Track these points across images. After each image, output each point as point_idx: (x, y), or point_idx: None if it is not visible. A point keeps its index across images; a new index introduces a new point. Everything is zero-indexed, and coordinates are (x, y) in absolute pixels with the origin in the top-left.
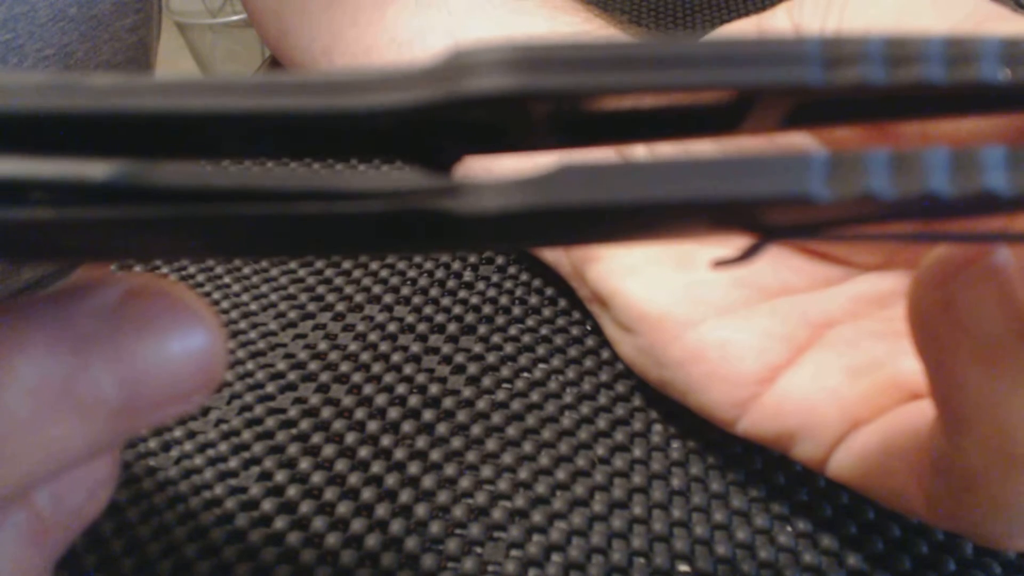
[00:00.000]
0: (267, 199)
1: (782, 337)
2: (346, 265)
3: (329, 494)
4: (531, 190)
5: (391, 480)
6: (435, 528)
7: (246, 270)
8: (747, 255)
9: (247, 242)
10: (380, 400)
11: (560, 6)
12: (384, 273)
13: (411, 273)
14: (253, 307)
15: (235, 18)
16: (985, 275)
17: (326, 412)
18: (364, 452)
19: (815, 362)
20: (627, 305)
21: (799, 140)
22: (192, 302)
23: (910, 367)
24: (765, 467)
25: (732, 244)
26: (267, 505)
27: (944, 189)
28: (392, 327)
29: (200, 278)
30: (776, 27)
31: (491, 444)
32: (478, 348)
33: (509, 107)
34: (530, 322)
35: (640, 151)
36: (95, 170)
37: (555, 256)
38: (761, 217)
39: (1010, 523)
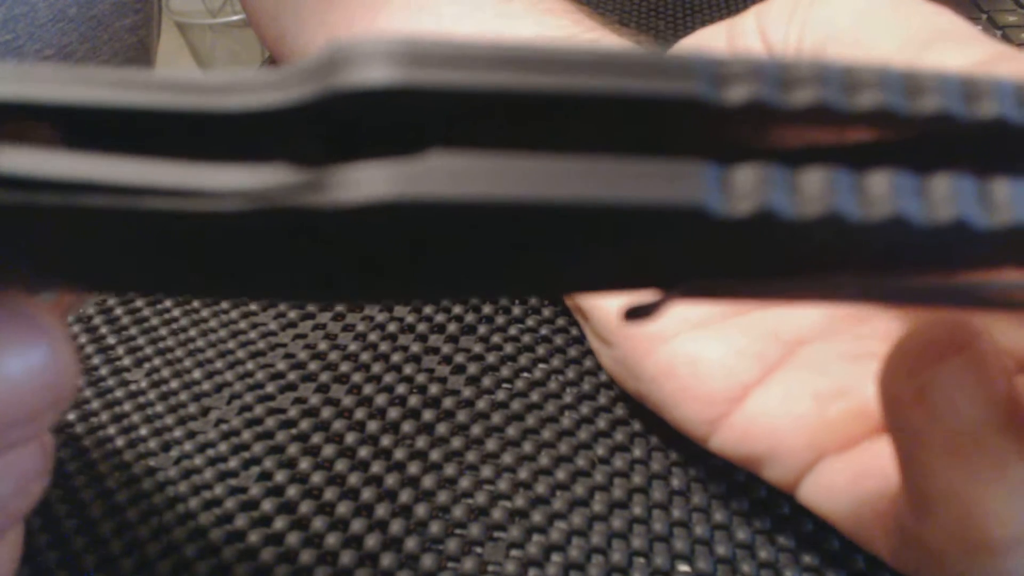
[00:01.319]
0: (109, 192)
1: (753, 355)
2: None
3: (329, 494)
4: (403, 179)
5: (391, 480)
6: (435, 528)
7: None
8: (654, 307)
9: (89, 245)
10: (380, 400)
11: (549, 8)
12: None
13: None
14: (253, 307)
15: (235, 18)
16: (966, 367)
17: (326, 412)
18: (364, 452)
19: (784, 385)
20: (604, 318)
21: None
22: (33, 313)
23: None
24: None
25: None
26: (267, 505)
27: (852, 212)
28: (392, 327)
29: None
30: (745, 31)
31: (491, 444)
32: (478, 348)
33: (393, 106)
34: (530, 322)
35: None
36: None
37: None
38: (667, 254)
39: None
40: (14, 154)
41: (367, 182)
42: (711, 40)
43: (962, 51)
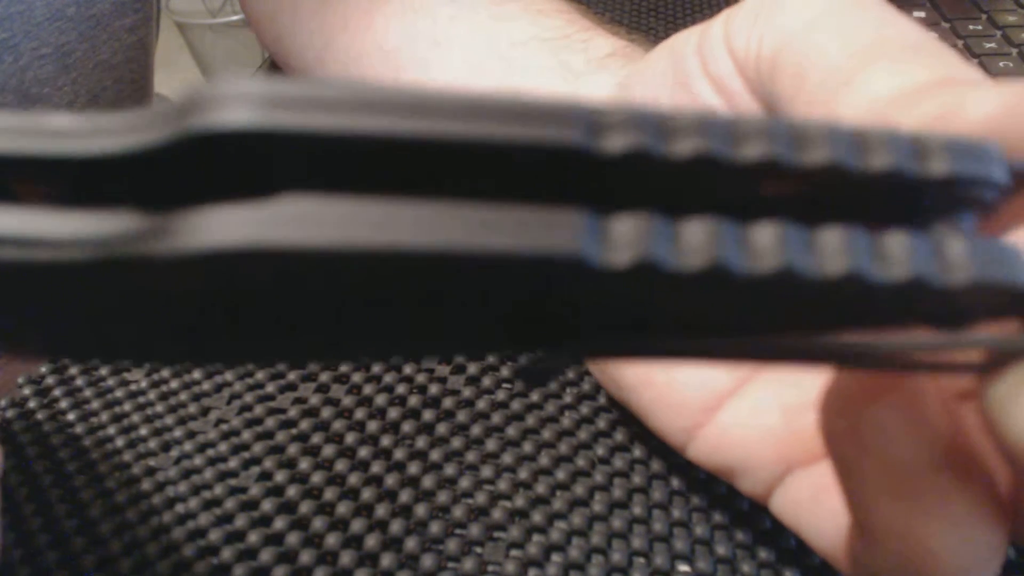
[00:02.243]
0: None
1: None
2: None
3: (329, 494)
4: (252, 224)
5: (391, 480)
6: (435, 528)
7: None
8: (548, 369)
9: None
10: (380, 400)
11: (544, 9)
12: None
13: None
14: None
15: (235, 18)
16: (897, 408)
17: (326, 412)
18: (364, 452)
19: (755, 397)
20: None
21: None
22: None
23: None
24: None
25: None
26: (267, 505)
27: (737, 264)
28: None
29: None
30: (712, 38)
31: (491, 444)
32: None
33: (253, 149)
34: None
35: None
36: None
37: None
38: (548, 310)
39: None
40: None
41: (211, 227)
42: (683, 46)
43: (900, 72)
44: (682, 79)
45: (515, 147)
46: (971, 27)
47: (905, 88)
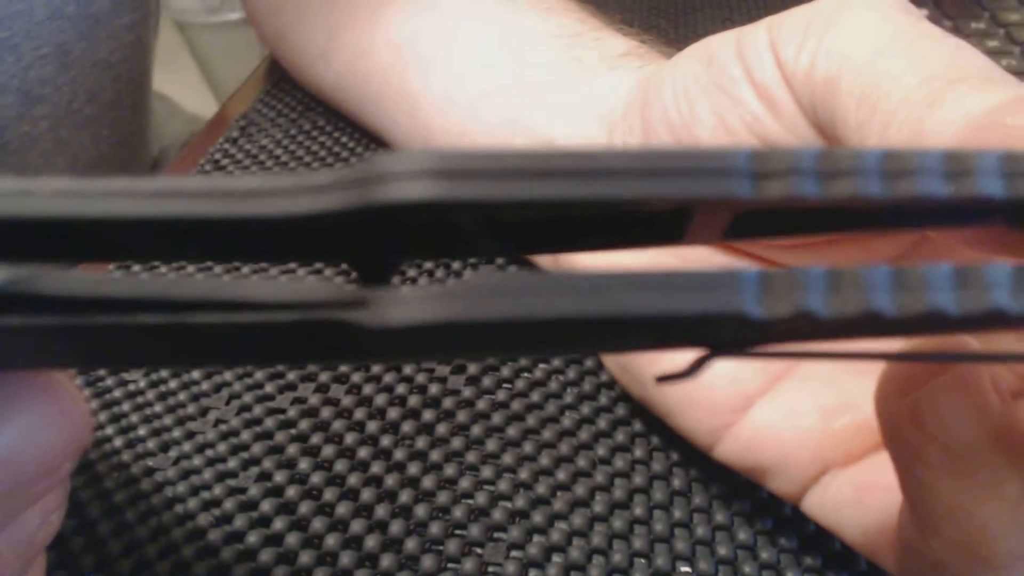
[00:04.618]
0: (162, 308)
1: (758, 366)
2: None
3: (328, 495)
4: (443, 304)
5: (391, 480)
6: (435, 529)
7: (245, 270)
8: (691, 371)
9: (143, 352)
10: (380, 400)
11: (553, 7)
12: None
13: (411, 272)
14: None
15: (234, 16)
16: (956, 385)
17: (326, 412)
18: (364, 452)
19: (790, 397)
20: None
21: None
22: (49, 375)
23: None
24: None
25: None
26: (266, 506)
27: (886, 308)
28: None
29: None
30: (757, 44)
31: (491, 444)
32: None
33: (432, 215)
34: None
35: (584, 260)
36: None
37: (545, 263)
38: (702, 333)
39: None
40: (56, 276)
41: (412, 304)
42: (720, 51)
43: (988, 92)
44: (723, 83)
45: (681, 200)
46: (974, 25)
47: (999, 103)
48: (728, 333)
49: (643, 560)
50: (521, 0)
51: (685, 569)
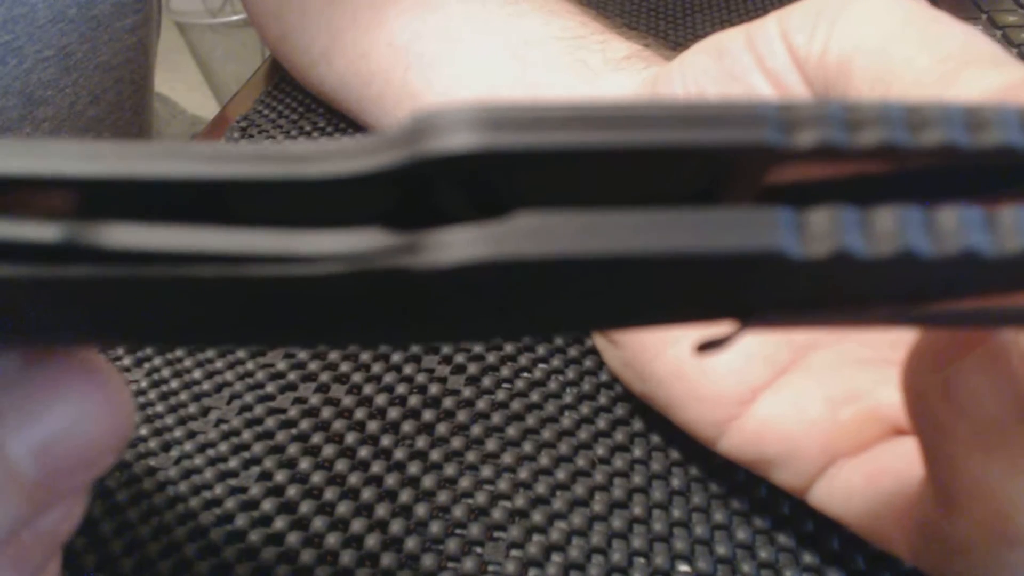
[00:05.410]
0: (217, 261)
1: (763, 358)
2: None
3: (329, 494)
4: (492, 241)
5: (391, 480)
6: (435, 528)
7: None
8: (727, 340)
9: (199, 319)
10: (380, 400)
11: (555, 9)
12: None
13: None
14: None
15: (235, 18)
16: (988, 359)
17: (326, 412)
18: (364, 452)
19: (795, 389)
20: None
21: None
22: (93, 360)
23: (892, 398)
24: None
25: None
26: (267, 505)
27: (923, 248)
28: None
29: None
30: (768, 35)
31: (491, 444)
32: (478, 348)
33: (480, 167)
34: None
35: None
36: (42, 231)
37: None
38: (741, 293)
39: None
40: (116, 229)
41: (460, 244)
42: (730, 44)
43: (1001, 72)
44: (734, 72)
45: (720, 149)
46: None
47: (1014, 81)
48: (765, 284)
49: (642, 559)
50: (524, 3)
51: (684, 568)
